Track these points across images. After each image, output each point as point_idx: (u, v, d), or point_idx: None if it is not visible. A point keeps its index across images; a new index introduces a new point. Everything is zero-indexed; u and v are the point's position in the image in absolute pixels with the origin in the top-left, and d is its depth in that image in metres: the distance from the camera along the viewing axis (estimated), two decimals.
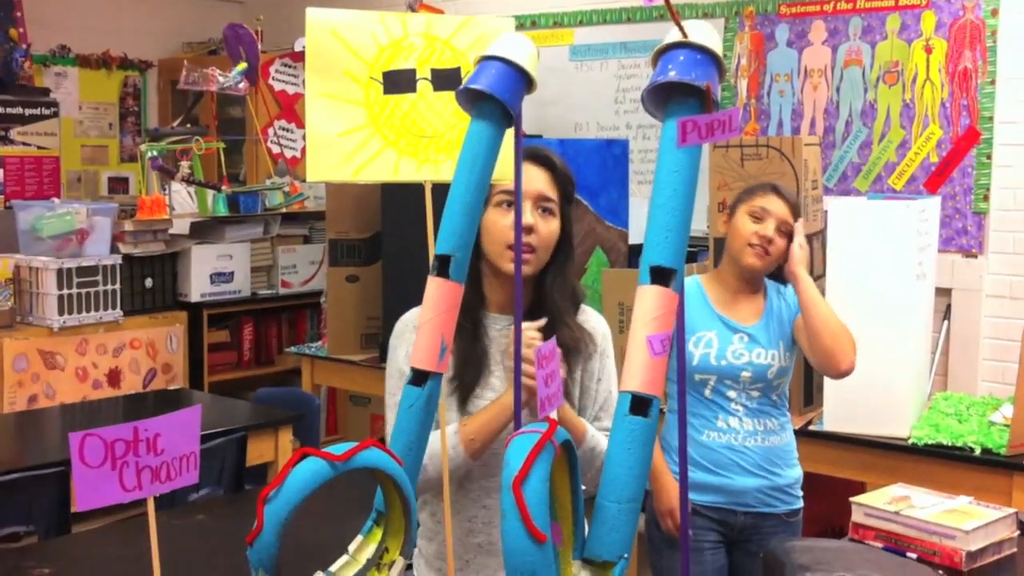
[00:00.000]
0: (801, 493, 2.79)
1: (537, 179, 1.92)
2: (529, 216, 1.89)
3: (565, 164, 2.04)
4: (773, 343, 2.72)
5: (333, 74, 1.65)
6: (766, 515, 2.70)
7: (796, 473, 2.77)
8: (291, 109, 5.72)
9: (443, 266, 1.29)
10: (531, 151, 1.93)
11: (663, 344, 1.17)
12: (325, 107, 1.65)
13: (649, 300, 1.18)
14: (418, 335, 1.29)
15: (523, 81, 1.33)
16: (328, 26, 1.66)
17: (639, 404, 1.15)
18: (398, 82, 1.65)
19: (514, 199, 1.84)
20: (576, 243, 2.06)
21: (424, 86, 1.66)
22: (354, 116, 1.66)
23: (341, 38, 1.65)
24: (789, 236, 2.70)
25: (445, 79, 1.51)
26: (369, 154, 1.66)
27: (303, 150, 5.71)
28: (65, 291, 4.66)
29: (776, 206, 2.68)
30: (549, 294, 1.96)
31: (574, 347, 1.99)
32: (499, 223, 1.94)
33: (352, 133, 1.66)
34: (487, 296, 1.99)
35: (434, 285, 1.29)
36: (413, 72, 1.66)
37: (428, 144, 1.66)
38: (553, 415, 1.12)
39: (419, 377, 1.29)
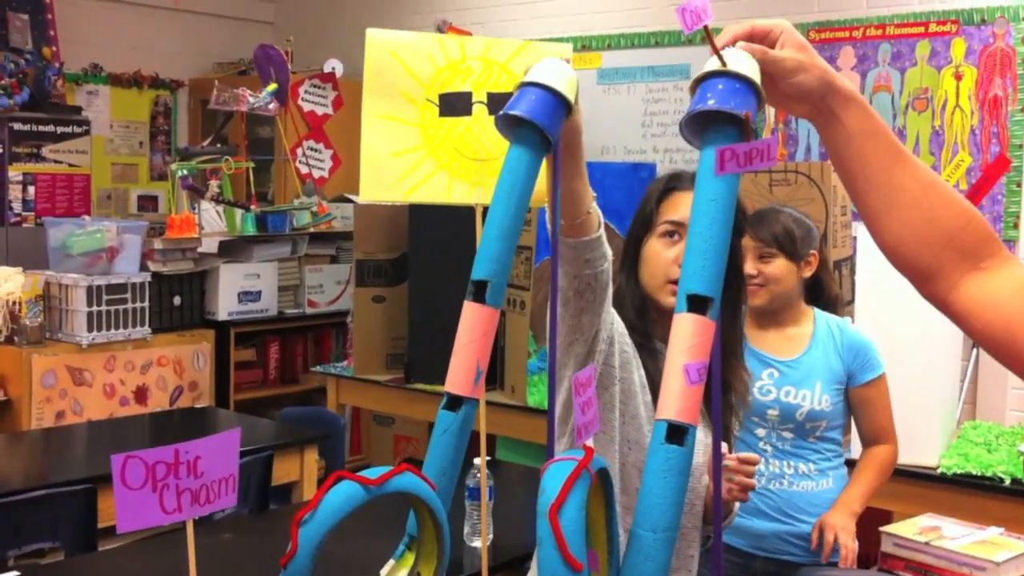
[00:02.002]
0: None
1: None
2: None
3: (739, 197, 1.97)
4: (808, 382, 2.55)
5: (390, 94, 1.66)
6: (789, 563, 2.52)
7: None
8: (320, 129, 5.75)
9: (479, 291, 1.29)
10: None
11: (699, 373, 1.17)
12: (381, 127, 1.66)
13: (686, 328, 1.18)
14: (453, 359, 1.29)
15: (562, 106, 1.33)
16: (388, 47, 1.67)
17: (675, 432, 1.14)
18: (454, 105, 1.66)
19: (681, 229, 1.82)
20: (742, 273, 1.98)
21: (479, 109, 1.67)
22: (409, 137, 1.67)
23: (400, 59, 1.66)
24: (786, 253, 2.55)
25: (500, 103, 1.51)
26: (422, 175, 1.67)
27: (331, 170, 5.74)
28: (94, 308, 4.69)
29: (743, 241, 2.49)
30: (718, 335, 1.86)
31: (744, 393, 1.93)
32: (661, 255, 1.87)
33: (406, 154, 1.67)
34: (652, 333, 1.89)
35: (471, 310, 1.28)
36: (469, 95, 1.66)
37: (481, 167, 1.67)
38: (589, 443, 1.12)
39: (453, 402, 1.28)
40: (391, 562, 1.24)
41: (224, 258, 5.34)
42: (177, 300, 5.19)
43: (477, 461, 2.58)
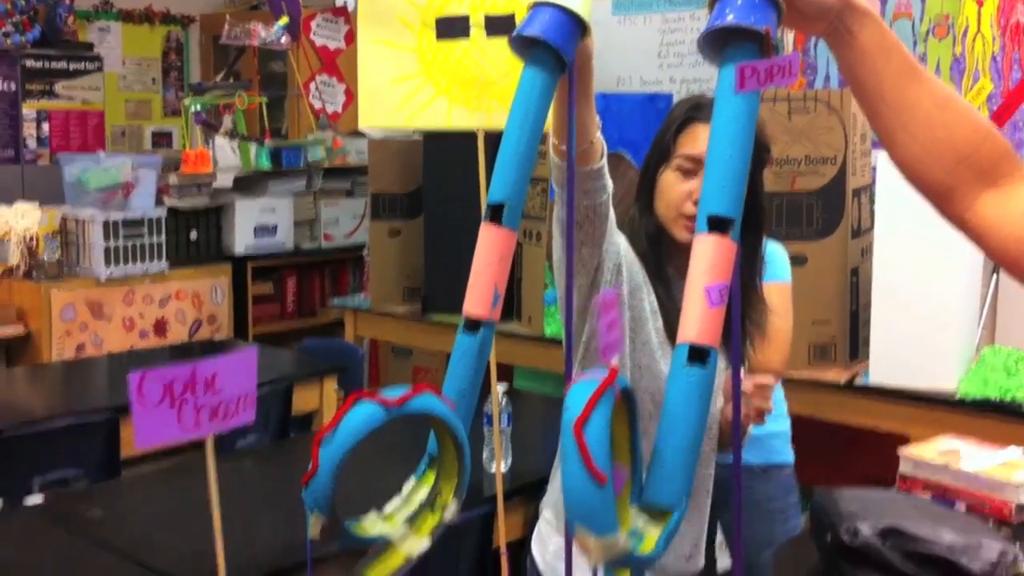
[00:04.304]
0: (787, 448, 2.68)
1: None
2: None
3: (762, 125, 1.90)
4: None
5: (386, 20, 1.63)
6: (731, 467, 2.48)
7: (770, 427, 2.56)
8: (332, 64, 5.71)
9: (496, 214, 1.27)
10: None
11: (721, 294, 1.16)
12: (378, 54, 1.64)
13: (707, 249, 1.17)
14: (471, 282, 1.28)
15: (577, 27, 1.31)
16: None
17: (697, 354, 1.14)
18: (451, 28, 1.63)
19: (698, 167, 1.78)
20: (761, 206, 1.94)
21: (477, 32, 1.64)
22: (407, 63, 1.64)
23: None
24: None
25: (499, 25, 1.48)
26: (422, 101, 1.65)
27: (344, 105, 5.71)
28: (111, 243, 4.71)
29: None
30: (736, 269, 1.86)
31: (759, 321, 1.93)
32: (676, 188, 1.85)
33: (405, 80, 1.64)
34: (665, 261, 1.88)
35: (488, 232, 1.27)
36: (467, 18, 1.64)
37: (481, 91, 1.64)
38: (614, 362, 1.11)
39: (472, 324, 1.27)
40: (412, 479, 1.24)
41: (239, 193, 5.33)
42: (194, 235, 5.19)
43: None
